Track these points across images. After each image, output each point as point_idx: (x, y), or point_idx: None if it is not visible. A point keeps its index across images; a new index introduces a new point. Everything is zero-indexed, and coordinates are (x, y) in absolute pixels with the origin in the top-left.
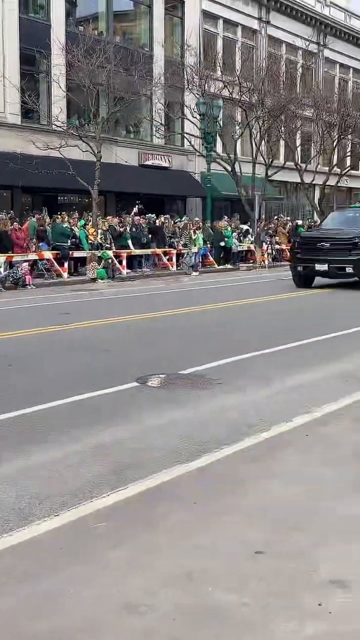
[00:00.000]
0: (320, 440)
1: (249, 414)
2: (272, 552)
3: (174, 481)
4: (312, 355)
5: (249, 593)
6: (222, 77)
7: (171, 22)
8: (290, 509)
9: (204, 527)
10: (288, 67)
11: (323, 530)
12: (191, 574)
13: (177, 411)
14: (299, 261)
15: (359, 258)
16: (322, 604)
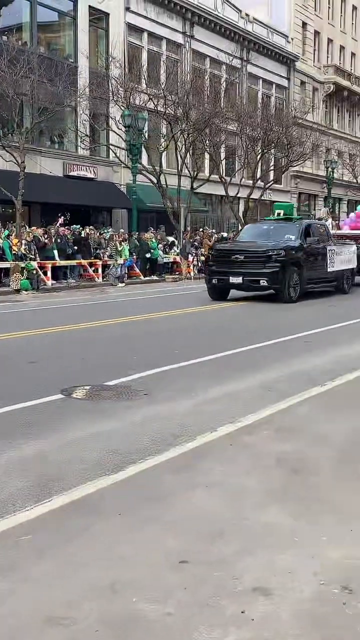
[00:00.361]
0: (244, 450)
1: (174, 424)
2: (196, 562)
3: (98, 493)
4: (234, 367)
5: (173, 603)
6: (147, 89)
7: (96, 34)
8: (214, 519)
9: (128, 538)
10: (212, 81)
11: (246, 539)
12: (115, 585)
13: (101, 423)
14: (213, 274)
15: (273, 271)
16: (245, 612)
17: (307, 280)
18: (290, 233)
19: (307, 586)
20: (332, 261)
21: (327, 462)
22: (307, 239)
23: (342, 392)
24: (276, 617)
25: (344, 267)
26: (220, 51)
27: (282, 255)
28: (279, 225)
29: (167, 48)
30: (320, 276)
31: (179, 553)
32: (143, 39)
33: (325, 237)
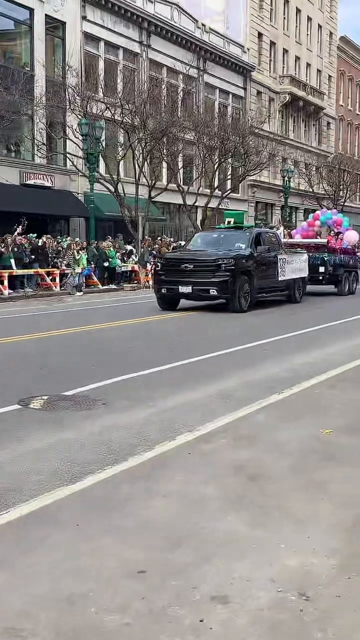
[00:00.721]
0: (202, 459)
1: (132, 434)
2: (154, 571)
3: (55, 504)
4: (192, 375)
5: (132, 613)
6: (104, 98)
7: (52, 43)
8: (172, 528)
9: (86, 548)
10: (169, 90)
11: (205, 548)
12: (73, 596)
13: (59, 433)
14: (162, 283)
15: (223, 280)
16: (204, 620)
17: (258, 289)
18: (240, 241)
19: (265, 593)
20: (283, 270)
21: (284, 469)
22: (257, 248)
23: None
24: (234, 625)
25: (295, 276)
26: (177, 60)
27: (231, 264)
28: (230, 234)
29: (123, 57)
30: (271, 285)
31: (137, 563)
32: (100, 48)
33: (276, 246)
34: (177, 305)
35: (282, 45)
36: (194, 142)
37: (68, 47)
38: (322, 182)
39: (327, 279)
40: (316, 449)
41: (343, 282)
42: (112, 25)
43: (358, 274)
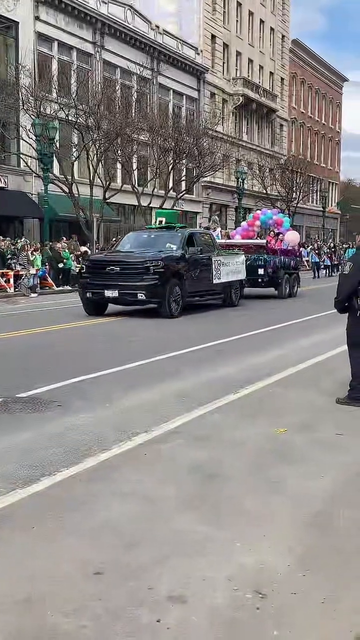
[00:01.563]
0: (159, 458)
1: (89, 435)
2: (111, 572)
3: (12, 507)
4: (147, 377)
5: (88, 615)
6: (57, 99)
7: (5, 43)
8: (129, 528)
9: (42, 550)
10: (123, 91)
11: (162, 547)
12: (29, 599)
13: (14, 435)
14: (87, 287)
15: (151, 284)
16: (161, 620)
17: (190, 293)
18: (172, 242)
19: (221, 592)
20: (219, 272)
21: (240, 468)
22: (189, 249)
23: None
24: (191, 624)
25: (231, 279)
26: (130, 62)
27: (161, 266)
28: (161, 234)
29: (77, 57)
30: (205, 288)
31: (93, 564)
32: (53, 48)
33: (211, 247)
34: (105, 310)
35: (235, 47)
36: (148, 143)
37: (21, 47)
38: (276, 184)
39: (266, 281)
40: None
41: (283, 285)
42: (65, 25)
43: (299, 276)
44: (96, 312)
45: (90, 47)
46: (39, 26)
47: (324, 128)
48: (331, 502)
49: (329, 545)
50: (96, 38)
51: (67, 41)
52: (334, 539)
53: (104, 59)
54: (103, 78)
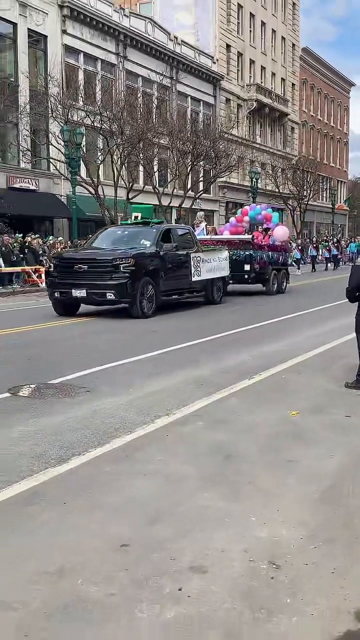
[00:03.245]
0: (180, 440)
1: (114, 418)
2: (136, 545)
3: (44, 484)
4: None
5: (116, 584)
6: (84, 106)
7: (35, 55)
8: (153, 504)
9: (73, 525)
10: (145, 98)
11: (183, 522)
12: (61, 570)
13: (46, 418)
14: (55, 286)
15: (120, 282)
16: (182, 589)
17: (165, 291)
18: (146, 238)
19: (238, 563)
20: (198, 269)
21: (255, 449)
22: (165, 245)
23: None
24: (210, 592)
25: (213, 276)
26: (151, 71)
27: (131, 264)
28: (135, 230)
29: (102, 68)
30: (183, 287)
31: (120, 537)
32: (79, 60)
33: (190, 243)
34: (77, 310)
35: (248, 55)
36: (168, 147)
37: (50, 58)
38: (288, 183)
39: (253, 277)
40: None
41: (271, 281)
42: (90, 38)
43: (288, 271)
44: (66, 312)
45: (113, 58)
46: (66, 39)
47: (333, 130)
48: (341, 479)
49: (339, 519)
50: (119, 49)
51: (92, 53)
52: (344, 514)
53: (126, 69)
54: (126, 86)
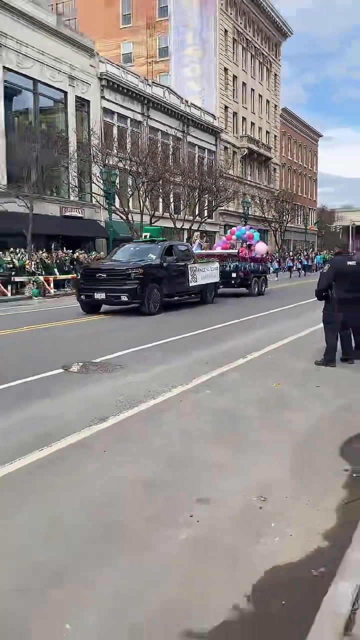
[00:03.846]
0: (192, 404)
1: (142, 387)
2: (159, 483)
3: (89, 438)
4: (177, 349)
5: (141, 513)
6: (117, 154)
7: (80, 115)
8: (172, 453)
9: (110, 468)
10: (163, 147)
11: (194, 467)
12: (100, 502)
13: (90, 388)
14: (82, 290)
15: (132, 287)
16: (193, 516)
17: (167, 294)
18: (152, 253)
19: (236, 497)
20: (194, 277)
21: (251, 412)
22: (167, 258)
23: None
24: (215, 519)
25: (206, 282)
26: (168, 126)
27: (140, 273)
28: (145, 246)
29: (130, 124)
30: (182, 290)
31: (146, 478)
32: (114, 118)
33: (188, 256)
34: (100, 309)
35: (241, 114)
36: (180, 184)
37: (91, 118)
38: (271, 210)
39: (238, 282)
40: None
41: (252, 285)
42: (122, 102)
43: (267, 278)
44: (91, 311)
45: (139, 117)
46: (104, 103)
47: (305, 170)
48: (313, 433)
49: (311, 464)
50: (144, 110)
51: (123, 113)
52: (315, 460)
53: (149, 125)
54: (148, 138)
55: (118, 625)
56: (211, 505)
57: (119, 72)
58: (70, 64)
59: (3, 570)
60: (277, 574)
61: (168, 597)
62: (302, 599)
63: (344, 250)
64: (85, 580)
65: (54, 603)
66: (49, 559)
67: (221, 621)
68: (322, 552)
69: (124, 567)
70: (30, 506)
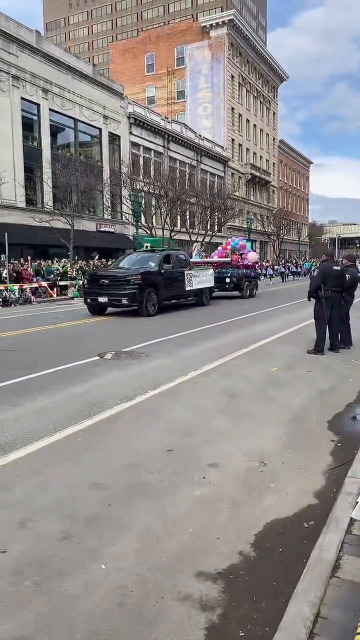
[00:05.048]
0: (203, 386)
1: (163, 372)
2: (176, 449)
3: (120, 412)
4: (188, 341)
5: (164, 473)
6: (143, 179)
7: (112, 147)
8: (187, 424)
9: (137, 436)
10: (180, 174)
11: (205, 436)
12: (131, 464)
13: (122, 372)
14: (87, 294)
15: (131, 292)
16: (205, 477)
17: (165, 297)
18: (152, 261)
19: (239, 462)
20: (190, 282)
21: (250, 391)
22: (165, 265)
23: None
24: (223, 480)
25: (202, 286)
26: (185, 157)
27: (139, 279)
28: (145, 255)
29: (154, 155)
30: (179, 294)
31: (167, 444)
32: (140, 150)
33: (185, 264)
34: (105, 311)
35: (245, 145)
36: (195, 204)
37: (122, 150)
38: (270, 225)
39: (232, 287)
40: None
41: (244, 289)
42: (147, 137)
43: (257, 282)
44: (97, 312)
45: (161, 149)
46: (132, 138)
47: (298, 192)
48: (303, 410)
49: (302, 435)
50: (164, 143)
51: (147, 146)
52: (305, 432)
53: (169, 156)
54: (168, 166)
55: (142, 564)
56: (219, 468)
57: (144, 112)
58: (104, 105)
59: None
60: (275, 526)
61: (184, 542)
62: (295, 546)
63: (330, 257)
64: (118, 523)
65: (97, 535)
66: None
67: (228, 565)
68: (312, 508)
69: (148, 516)
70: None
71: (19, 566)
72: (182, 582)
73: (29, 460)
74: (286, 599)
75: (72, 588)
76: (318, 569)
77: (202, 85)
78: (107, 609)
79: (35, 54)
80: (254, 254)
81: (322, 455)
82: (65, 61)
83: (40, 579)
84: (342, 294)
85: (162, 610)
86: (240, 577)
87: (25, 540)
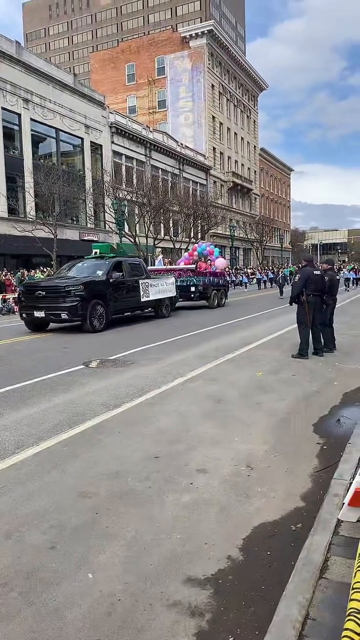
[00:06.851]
0: (189, 392)
1: (148, 379)
2: (163, 456)
3: (107, 420)
4: (175, 348)
5: (151, 481)
6: (125, 188)
7: (95, 157)
8: (173, 431)
9: (124, 444)
10: (163, 182)
11: (192, 442)
12: (118, 472)
13: (107, 380)
14: (22, 308)
15: (72, 305)
16: (192, 483)
17: (117, 310)
18: (100, 269)
19: (227, 467)
20: (147, 292)
21: (235, 396)
22: (114, 274)
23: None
24: (210, 485)
25: (161, 296)
26: (167, 165)
27: (80, 290)
28: (92, 263)
29: (136, 164)
30: (133, 305)
31: (154, 451)
32: (122, 159)
33: (140, 272)
34: (47, 326)
35: (226, 154)
36: (178, 212)
37: (104, 159)
38: (253, 232)
39: (197, 296)
40: None
41: (212, 298)
42: (129, 146)
43: (227, 291)
44: (36, 329)
45: (143, 158)
46: (114, 147)
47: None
48: (289, 413)
49: (287, 439)
50: (146, 152)
51: (130, 155)
52: (291, 436)
53: (151, 164)
54: (151, 175)
55: (130, 571)
56: (207, 473)
57: (126, 121)
58: (85, 115)
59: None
60: (263, 529)
61: (172, 548)
62: (283, 549)
63: (310, 262)
64: (105, 532)
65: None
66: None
67: (217, 570)
68: (299, 510)
69: (136, 523)
70: (57, 473)
71: (5, 578)
72: (170, 589)
73: (14, 471)
74: (275, 602)
75: (60, 598)
76: (306, 571)
77: (183, 95)
78: (96, 619)
79: (16, 64)
80: (222, 260)
81: (309, 458)
82: (46, 71)
83: (27, 590)
84: (323, 298)
85: (151, 617)
86: (229, 582)
87: (11, 551)
